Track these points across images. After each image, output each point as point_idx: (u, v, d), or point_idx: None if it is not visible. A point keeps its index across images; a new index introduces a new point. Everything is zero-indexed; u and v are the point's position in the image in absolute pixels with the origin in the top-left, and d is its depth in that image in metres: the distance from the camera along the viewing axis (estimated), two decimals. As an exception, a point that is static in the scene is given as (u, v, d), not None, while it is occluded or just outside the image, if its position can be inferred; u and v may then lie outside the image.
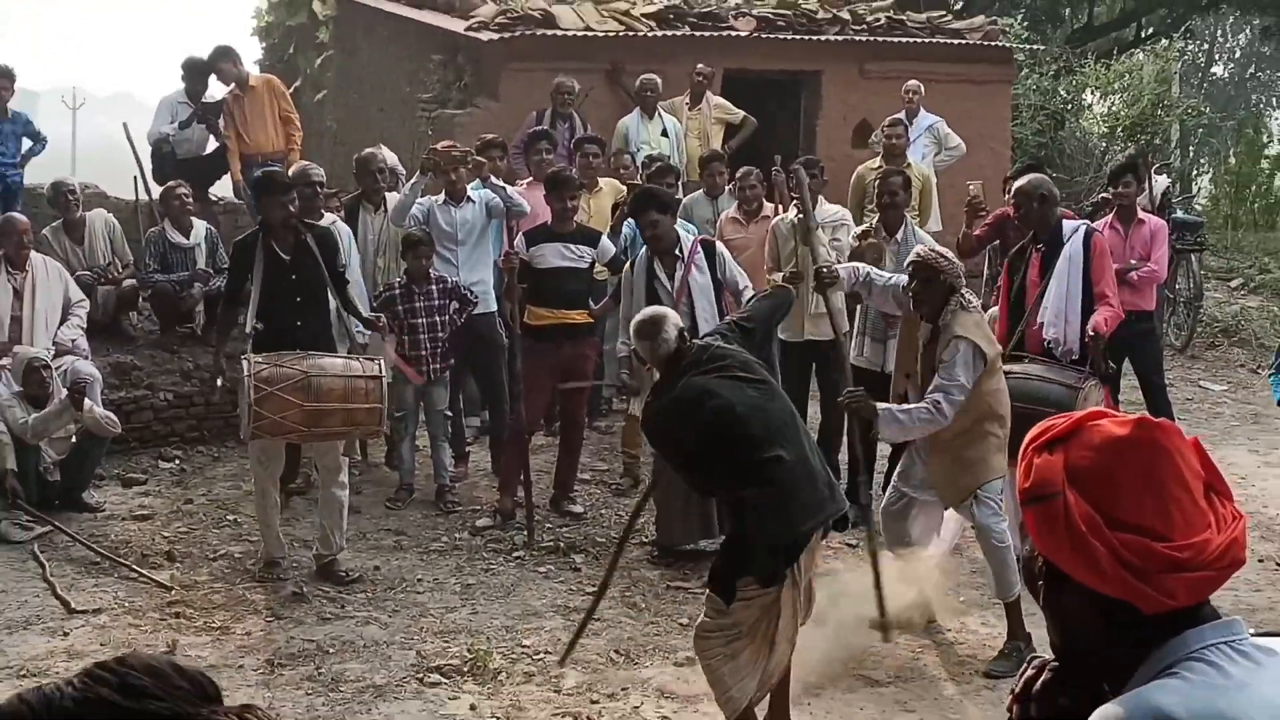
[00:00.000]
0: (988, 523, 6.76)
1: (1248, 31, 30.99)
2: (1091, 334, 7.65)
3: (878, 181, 9.42)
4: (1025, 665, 2.18)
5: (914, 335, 7.01)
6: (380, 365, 7.99)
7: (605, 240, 9.33)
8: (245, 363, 7.65)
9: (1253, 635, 1.97)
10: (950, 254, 7.07)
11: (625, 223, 9.76)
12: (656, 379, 6.02)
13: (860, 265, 7.66)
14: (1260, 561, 8.38)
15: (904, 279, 7.07)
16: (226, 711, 1.40)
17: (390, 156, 10.45)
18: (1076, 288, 7.83)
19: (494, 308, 9.61)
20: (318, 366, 7.70)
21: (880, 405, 6.77)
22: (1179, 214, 13.92)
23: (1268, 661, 1.93)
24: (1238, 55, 34.70)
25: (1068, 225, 8.11)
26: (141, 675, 1.58)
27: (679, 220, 9.21)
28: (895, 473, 7.30)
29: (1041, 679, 2.10)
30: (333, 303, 8.24)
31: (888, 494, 7.36)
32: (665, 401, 5.76)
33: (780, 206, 10.16)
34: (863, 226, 9.28)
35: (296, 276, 7.96)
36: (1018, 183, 8.30)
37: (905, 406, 6.77)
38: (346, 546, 8.18)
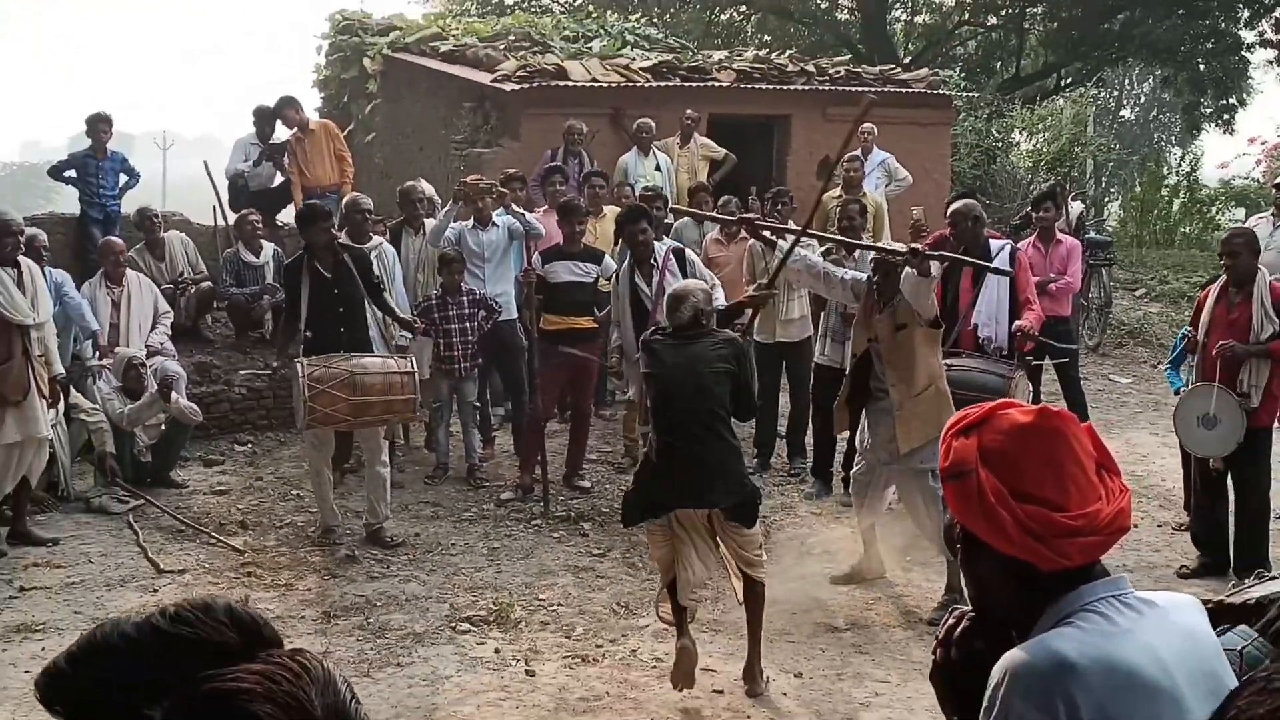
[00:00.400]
0: (937, 486, 6.78)
1: (1150, 81, 30.99)
2: (1019, 331, 7.69)
3: (838, 208, 9.42)
4: (947, 615, 2.18)
5: (868, 322, 7.06)
6: (412, 362, 7.98)
7: (608, 259, 9.33)
8: (299, 365, 7.65)
9: (1137, 592, 1.98)
10: (901, 248, 7.22)
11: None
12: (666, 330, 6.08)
13: (821, 262, 7.69)
14: (1159, 526, 8.38)
15: (860, 275, 7.30)
16: (280, 654, 1.40)
17: (428, 188, 10.45)
18: (1005, 296, 7.88)
19: (515, 315, 9.60)
20: (360, 365, 7.69)
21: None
22: (1092, 234, 13.90)
23: (1149, 612, 1.94)
24: (1142, 101, 34.69)
25: (994, 244, 8.16)
26: (192, 610, 1.59)
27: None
28: (859, 447, 7.28)
29: (960, 626, 2.11)
30: (373, 311, 8.27)
31: (856, 465, 7.36)
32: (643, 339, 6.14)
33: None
34: (825, 247, 9.25)
35: (338, 291, 7.96)
36: (954, 205, 8.31)
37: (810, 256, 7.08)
38: (391, 516, 8.17)
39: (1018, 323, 7.72)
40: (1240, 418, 6.92)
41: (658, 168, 11.93)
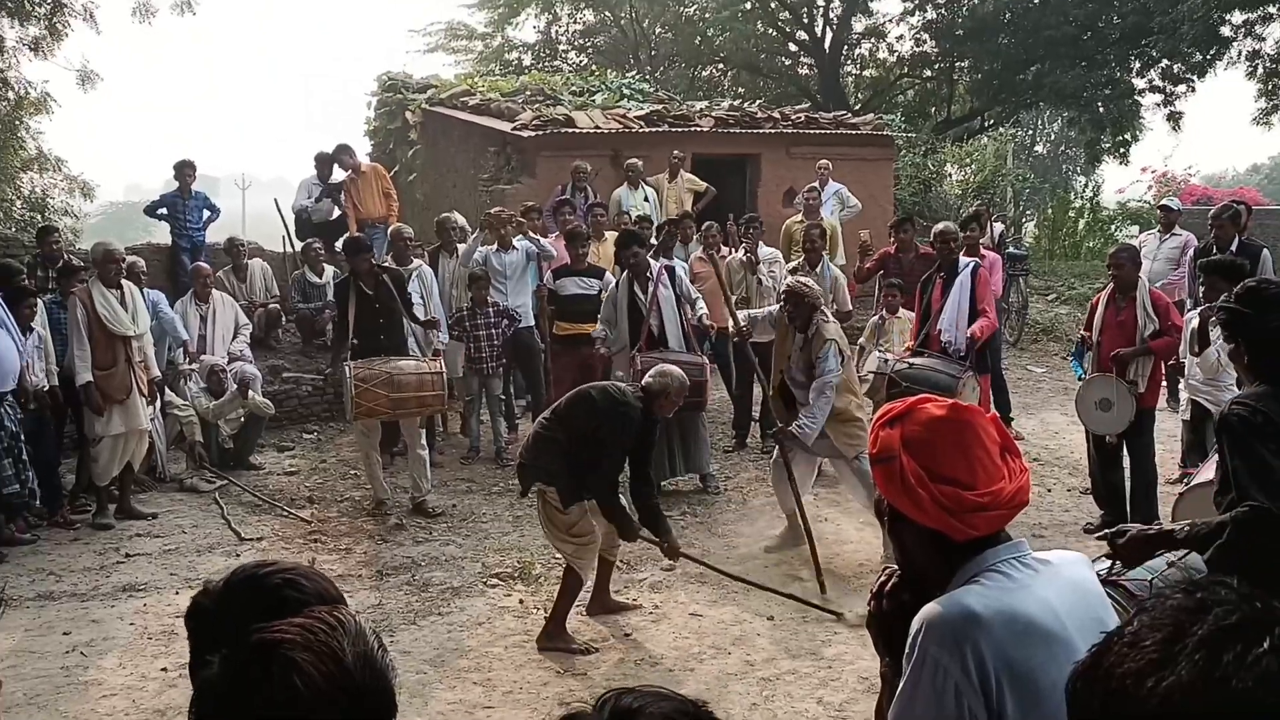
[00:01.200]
0: (867, 468, 6.81)
1: (1059, 121, 30.93)
2: (969, 337, 7.72)
3: (802, 233, 9.40)
4: (880, 573, 2.18)
5: (785, 344, 7.00)
6: (442, 364, 8.02)
7: (608, 274, 9.32)
8: (346, 367, 7.72)
9: (1034, 553, 1.99)
10: (811, 283, 7.02)
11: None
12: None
13: (754, 313, 7.57)
14: (1068, 490, 8.37)
15: (774, 309, 7.16)
16: (321, 610, 1.40)
17: (460, 219, 10.43)
18: (965, 306, 7.91)
19: (533, 323, 9.60)
20: (397, 367, 7.75)
21: (792, 427, 6.77)
22: (1011, 250, 13.89)
23: (1043, 569, 1.95)
24: (1052, 138, 34.57)
25: (963, 261, 8.16)
26: (269, 565, 1.63)
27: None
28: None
29: (890, 582, 2.11)
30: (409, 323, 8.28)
31: (774, 454, 7.23)
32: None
33: (732, 249, 10.15)
34: (793, 264, 9.23)
35: (378, 305, 8.01)
36: (944, 225, 8.30)
37: (807, 413, 6.72)
38: (432, 490, 8.17)
39: (970, 329, 7.75)
40: (1130, 401, 6.92)
41: (646, 199, 11.93)
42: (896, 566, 2.13)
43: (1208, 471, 6.12)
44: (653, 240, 10.11)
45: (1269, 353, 3.40)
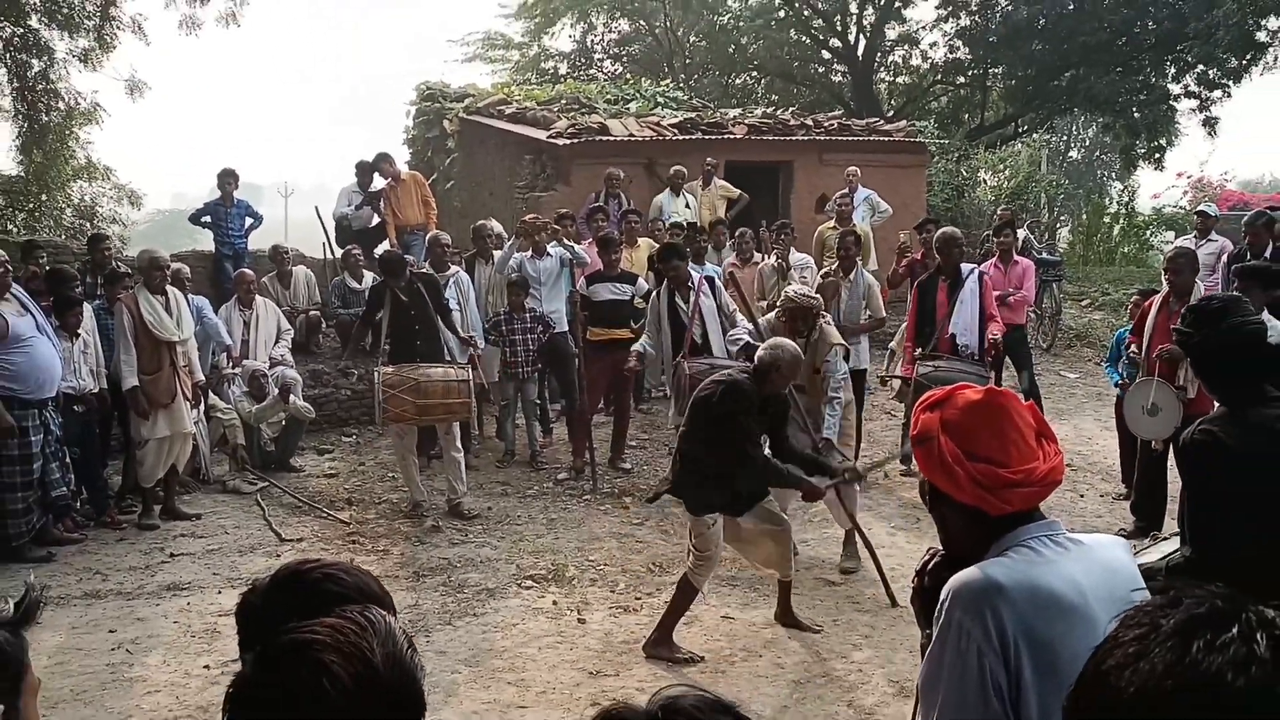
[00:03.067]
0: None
1: (1093, 127, 30.62)
2: (991, 340, 7.69)
3: (836, 238, 9.36)
4: (925, 553, 2.27)
5: None
6: (469, 371, 8.00)
7: (641, 280, 9.34)
8: (376, 373, 7.77)
9: (1068, 533, 2.05)
10: (812, 293, 7.02)
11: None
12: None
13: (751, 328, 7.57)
14: (1101, 497, 8.29)
15: (770, 318, 7.16)
16: (352, 610, 1.42)
17: (497, 226, 10.47)
18: (976, 310, 7.86)
19: (566, 328, 9.62)
20: (425, 374, 7.75)
21: (821, 435, 6.64)
22: (1044, 255, 13.78)
23: (1075, 549, 2.01)
24: (1086, 143, 34.24)
25: (964, 267, 8.12)
26: (312, 561, 1.65)
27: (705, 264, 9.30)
28: None
29: (933, 561, 2.22)
30: (448, 325, 8.34)
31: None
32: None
33: (765, 256, 10.14)
34: (825, 269, 9.21)
35: (414, 312, 8.07)
36: (941, 232, 8.26)
37: (828, 425, 6.63)
38: (468, 492, 8.20)
39: (990, 333, 7.73)
40: (1178, 406, 6.80)
41: (686, 205, 11.95)
42: (939, 545, 2.22)
43: None
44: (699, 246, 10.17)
45: (1211, 371, 3.32)
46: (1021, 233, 12.73)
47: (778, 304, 7.22)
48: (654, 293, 8.65)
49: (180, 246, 18.36)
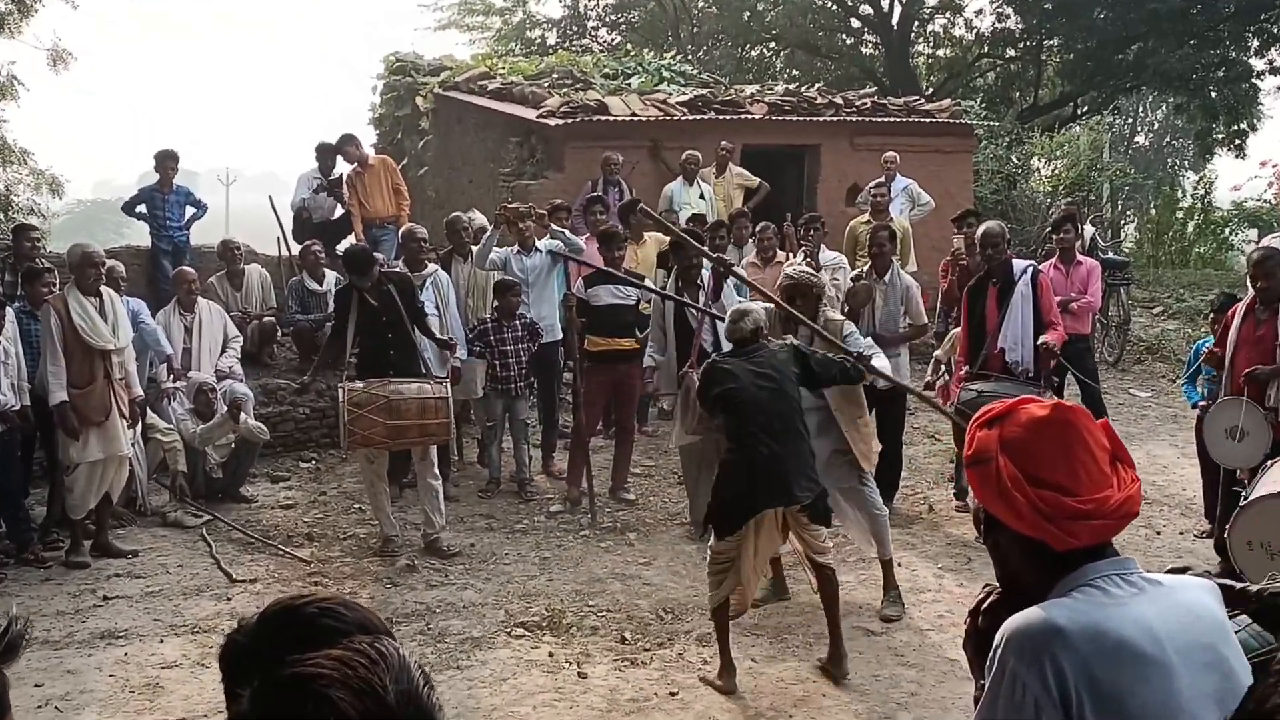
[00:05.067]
0: (872, 497, 6.97)
1: (1164, 108, 30.76)
2: (1043, 346, 7.69)
3: (869, 235, 9.41)
4: (981, 590, 2.28)
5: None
6: (447, 388, 7.98)
7: (649, 281, 9.36)
8: (340, 390, 7.75)
9: (1143, 572, 2.06)
10: (814, 273, 7.37)
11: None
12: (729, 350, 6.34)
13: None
14: (1181, 534, 8.32)
15: (766, 308, 7.06)
16: (361, 641, 1.44)
17: (479, 217, 10.49)
18: (1029, 318, 7.86)
19: (558, 337, 9.65)
20: (397, 391, 7.72)
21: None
22: (1110, 255, 13.84)
23: (1150, 589, 2.02)
24: (1156, 127, 34.40)
25: (1016, 265, 8.12)
26: (305, 596, 1.67)
27: None
28: None
29: (989, 600, 2.23)
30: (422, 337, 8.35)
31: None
32: (709, 364, 6.19)
33: (790, 254, 10.19)
34: (856, 271, 9.27)
35: (386, 317, 8.09)
36: (983, 227, 8.27)
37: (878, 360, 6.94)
38: (447, 526, 8.20)
39: (1043, 337, 7.71)
40: (1267, 430, 6.77)
41: (701, 196, 12.00)
42: (996, 583, 2.23)
43: (1271, 483, 6.08)
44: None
45: None
46: (1088, 229, 12.78)
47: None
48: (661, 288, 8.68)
49: (106, 241, 18.40)
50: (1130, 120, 32.58)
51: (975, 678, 2.21)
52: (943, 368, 9.07)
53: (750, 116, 13.77)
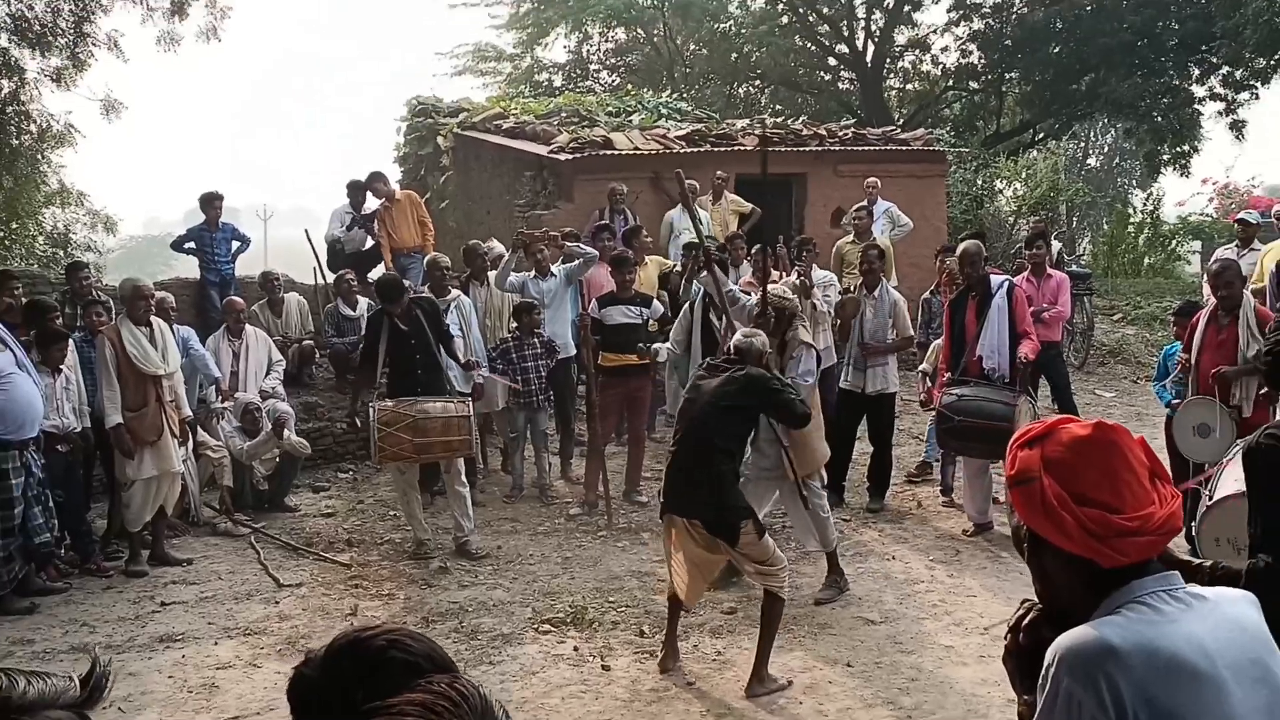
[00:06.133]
0: (816, 501, 6.83)
1: (1114, 131, 30.67)
2: (1022, 360, 7.58)
3: (857, 254, 9.29)
4: (1019, 606, 2.13)
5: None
6: (469, 406, 7.89)
7: (656, 302, 9.26)
8: (371, 410, 7.66)
9: (1190, 586, 1.93)
10: (789, 293, 7.16)
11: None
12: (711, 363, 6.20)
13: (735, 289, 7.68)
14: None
15: (752, 300, 7.27)
16: (440, 681, 1.32)
17: (498, 246, 10.41)
18: (1005, 329, 7.75)
19: (571, 354, 9.55)
20: (423, 410, 7.65)
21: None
22: (1074, 268, 13.73)
23: (1197, 605, 1.89)
24: (1106, 149, 34.26)
25: (994, 279, 8.02)
26: (371, 628, 1.57)
27: None
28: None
29: (1029, 616, 2.08)
30: (450, 353, 8.27)
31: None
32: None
33: (783, 274, 10.06)
34: (845, 286, 9.15)
35: (414, 341, 7.98)
36: (963, 246, 8.17)
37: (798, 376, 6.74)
38: (476, 529, 8.08)
39: (1021, 350, 7.63)
40: (1232, 426, 6.72)
41: (700, 221, 11.89)
42: (1035, 598, 2.08)
43: (1233, 482, 5.98)
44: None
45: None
46: (1056, 245, 12.68)
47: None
48: (686, 304, 8.55)
49: (156, 274, 18.33)
50: (1083, 144, 32.50)
51: (1018, 692, 2.07)
52: (928, 381, 8.92)
53: (743, 148, 13.68)
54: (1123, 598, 1.88)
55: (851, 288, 8.78)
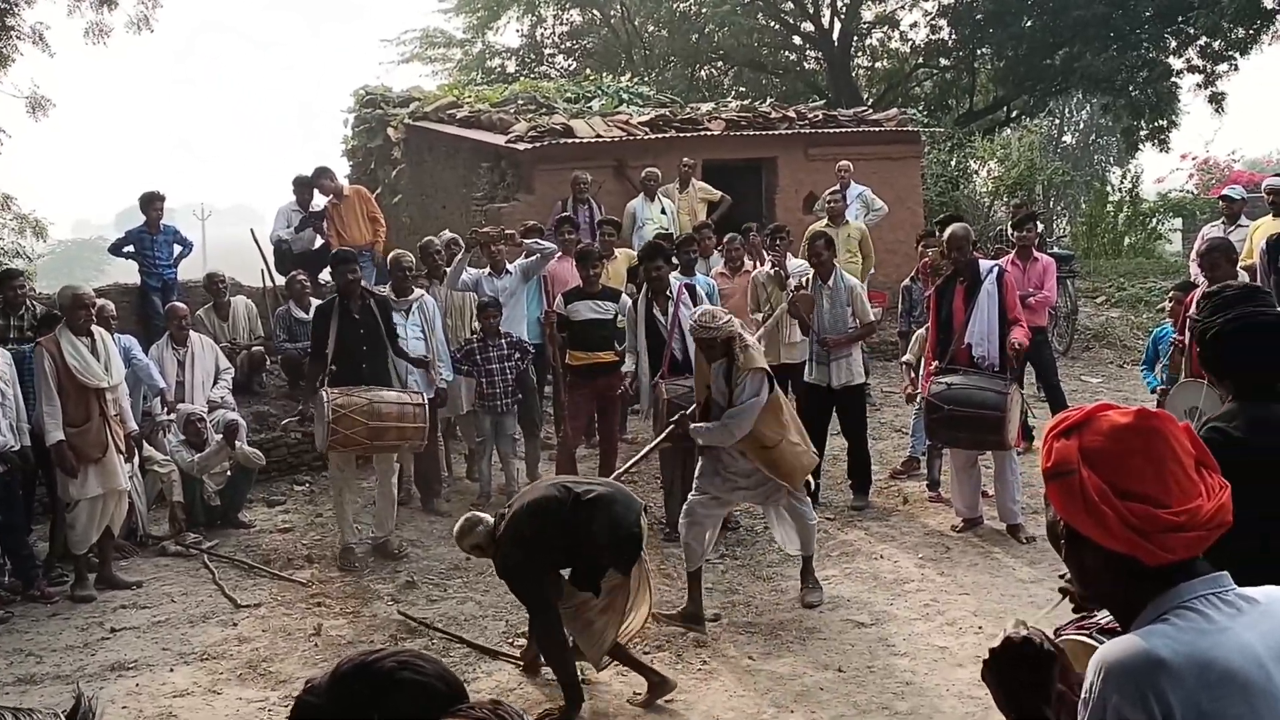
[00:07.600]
0: (803, 509, 6.79)
1: (1089, 107, 31.00)
2: (1015, 347, 7.62)
3: (806, 245, 9.26)
4: (1012, 624, 2.00)
5: (703, 370, 6.83)
6: (423, 395, 8.09)
7: (625, 296, 9.24)
8: (324, 393, 7.72)
9: (1238, 588, 1.88)
10: (721, 314, 6.72)
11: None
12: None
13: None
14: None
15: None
16: (479, 707, 1.30)
17: (447, 234, 10.42)
18: (995, 315, 7.77)
19: (531, 353, 9.52)
20: (379, 396, 7.84)
21: (700, 425, 6.66)
22: (1056, 250, 13.84)
23: (1249, 609, 1.84)
24: (1081, 126, 34.63)
25: (983, 265, 8.05)
26: (376, 651, 1.56)
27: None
28: (698, 479, 6.90)
29: (1012, 645, 1.95)
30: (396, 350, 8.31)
31: (697, 495, 6.87)
32: None
33: (756, 263, 10.08)
34: (794, 282, 9.06)
35: (364, 331, 8.06)
36: (950, 230, 8.17)
37: (713, 426, 6.55)
38: (395, 530, 8.22)
39: (1012, 337, 7.64)
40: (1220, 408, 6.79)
41: (663, 211, 11.90)
42: (1028, 620, 2.01)
43: None
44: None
45: (1212, 361, 3.40)
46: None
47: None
48: (632, 302, 8.56)
49: (89, 279, 18.07)
50: (1058, 121, 32.82)
51: (1004, 713, 1.98)
52: (913, 373, 8.95)
53: (709, 133, 13.70)
54: (1169, 603, 1.83)
55: (804, 281, 8.74)
